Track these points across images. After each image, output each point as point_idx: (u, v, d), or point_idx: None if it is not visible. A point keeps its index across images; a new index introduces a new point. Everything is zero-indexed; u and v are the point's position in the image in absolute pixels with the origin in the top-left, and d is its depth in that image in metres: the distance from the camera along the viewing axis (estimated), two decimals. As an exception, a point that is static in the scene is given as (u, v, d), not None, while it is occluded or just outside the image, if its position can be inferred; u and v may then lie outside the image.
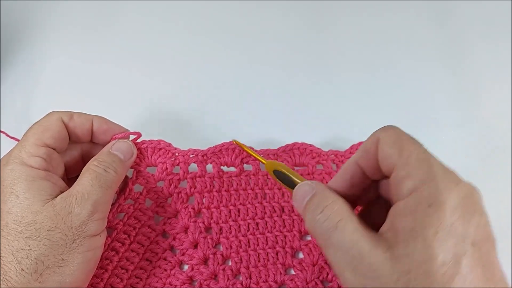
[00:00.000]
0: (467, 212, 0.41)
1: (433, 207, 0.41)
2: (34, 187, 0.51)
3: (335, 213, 0.46)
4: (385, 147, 0.46)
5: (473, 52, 0.90)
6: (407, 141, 0.45)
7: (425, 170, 0.43)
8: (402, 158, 0.44)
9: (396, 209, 0.44)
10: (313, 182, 0.51)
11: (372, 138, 0.48)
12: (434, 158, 0.44)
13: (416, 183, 0.43)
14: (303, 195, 0.50)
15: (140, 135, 0.65)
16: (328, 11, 0.95)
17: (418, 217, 0.41)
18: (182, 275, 0.63)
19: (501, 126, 0.81)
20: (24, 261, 0.47)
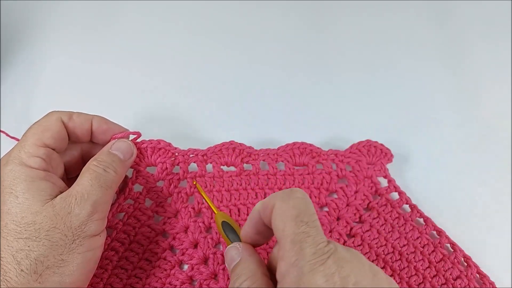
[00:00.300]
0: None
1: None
2: (34, 188, 0.51)
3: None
4: (275, 216, 0.47)
5: (473, 52, 0.90)
6: (292, 219, 0.45)
7: (295, 252, 0.43)
8: (283, 238, 0.45)
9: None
10: (241, 247, 0.53)
11: (271, 200, 0.49)
12: (310, 238, 0.44)
13: (287, 267, 0.44)
14: (230, 260, 0.52)
15: (140, 135, 0.65)
16: (328, 11, 0.96)
17: None
18: (182, 275, 0.63)
19: (501, 126, 0.81)
20: (23, 261, 0.47)
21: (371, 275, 0.44)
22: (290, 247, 0.44)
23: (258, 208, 0.51)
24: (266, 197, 0.51)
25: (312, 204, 0.47)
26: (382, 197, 0.69)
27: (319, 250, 0.43)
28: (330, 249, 0.43)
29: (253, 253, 0.52)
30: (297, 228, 0.44)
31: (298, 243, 0.43)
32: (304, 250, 0.43)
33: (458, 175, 0.76)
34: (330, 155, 0.71)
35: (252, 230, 0.53)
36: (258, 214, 0.51)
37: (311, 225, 0.45)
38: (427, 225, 0.67)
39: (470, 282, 0.63)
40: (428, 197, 0.73)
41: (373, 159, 0.71)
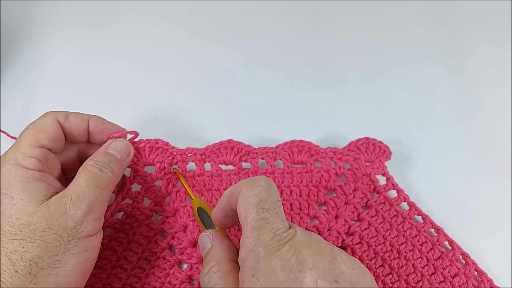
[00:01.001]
0: (291, 272, 0.43)
1: (255, 276, 0.44)
2: (29, 188, 0.51)
3: (214, 278, 0.49)
4: (239, 203, 0.50)
5: (473, 52, 0.90)
6: (253, 206, 0.48)
7: (253, 238, 0.46)
8: (244, 224, 0.48)
9: (239, 277, 0.48)
10: (212, 234, 0.55)
11: (237, 187, 0.51)
12: (269, 224, 0.46)
13: (246, 252, 0.46)
14: (202, 248, 0.56)
15: (137, 135, 0.64)
16: (328, 10, 0.95)
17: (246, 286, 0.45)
18: (181, 274, 0.63)
19: (501, 124, 0.81)
20: (18, 263, 0.47)
21: (330, 258, 0.45)
22: (249, 233, 0.46)
23: (226, 193, 0.54)
24: (234, 185, 0.53)
25: (276, 192, 0.50)
26: (380, 195, 0.69)
27: (277, 235, 0.45)
28: (289, 234, 0.45)
29: (223, 240, 0.55)
30: (257, 215, 0.47)
31: (257, 229, 0.46)
32: (262, 236, 0.45)
33: (458, 173, 0.76)
34: (328, 153, 0.70)
35: (221, 213, 0.56)
36: (226, 199, 0.54)
37: (272, 212, 0.47)
38: (425, 223, 0.67)
39: (468, 280, 0.63)
40: (428, 195, 0.73)
41: (371, 157, 0.71)
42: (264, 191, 0.48)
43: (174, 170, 0.67)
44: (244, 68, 0.87)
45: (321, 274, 0.43)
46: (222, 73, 0.86)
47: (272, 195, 0.49)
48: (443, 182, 0.75)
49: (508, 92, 0.85)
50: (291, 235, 0.45)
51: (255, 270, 0.44)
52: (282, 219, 0.47)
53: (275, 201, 0.48)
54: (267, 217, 0.46)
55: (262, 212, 0.47)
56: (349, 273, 0.45)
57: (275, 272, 0.43)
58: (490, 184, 0.75)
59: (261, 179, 0.50)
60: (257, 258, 0.44)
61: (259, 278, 0.43)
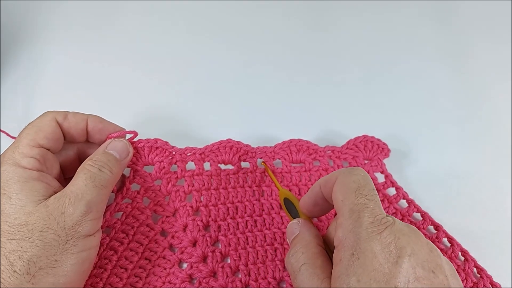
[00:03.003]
0: (391, 256, 0.43)
1: (355, 255, 0.45)
2: (27, 188, 0.51)
3: (301, 258, 0.51)
4: (336, 189, 0.51)
5: (474, 51, 0.90)
6: (352, 191, 0.49)
7: (353, 220, 0.47)
8: (342, 207, 0.49)
9: (333, 257, 0.48)
10: (301, 222, 0.57)
11: (334, 174, 0.52)
12: (368, 209, 0.47)
13: (344, 233, 0.47)
14: (291, 233, 0.57)
15: (137, 134, 0.65)
16: (328, 10, 0.95)
17: (343, 266, 0.45)
18: (182, 273, 0.63)
19: (502, 124, 0.81)
20: (16, 262, 0.47)
21: (427, 249, 0.45)
22: (348, 215, 0.47)
23: (320, 182, 0.55)
24: (329, 174, 0.54)
25: (372, 183, 0.50)
26: (379, 193, 0.69)
27: (376, 220, 0.46)
28: (387, 221, 0.46)
29: (311, 227, 0.56)
30: (356, 199, 0.48)
31: (357, 212, 0.47)
32: (362, 218, 0.46)
33: (458, 171, 0.76)
34: (327, 151, 0.71)
35: (311, 201, 0.57)
36: (319, 187, 0.55)
37: (370, 198, 0.48)
38: (424, 220, 0.67)
39: (468, 276, 0.63)
40: (428, 193, 0.73)
41: (370, 155, 0.71)
42: (362, 179, 0.49)
43: (262, 163, 0.68)
44: (243, 68, 0.87)
45: (419, 263, 0.43)
46: (221, 72, 0.86)
47: (369, 183, 0.49)
48: (443, 179, 0.75)
49: (508, 91, 0.85)
50: (390, 222, 0.46)
51: (354, 250, 0.45)
52: (380, 206, 0.48)
53: (372, 189, 0.49)
54: (365, 202, 0.47)
55: (361, 198, 0.47)
56: (444, 267, 0.45)
57: (375, 254, 0.43)
58: (490, 182, 0.75)
59: (358, 169, 0.51)
60: (357, 239, 0.45)
61: (359, 257, 0.44)
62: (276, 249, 0.65)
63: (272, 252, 0.65)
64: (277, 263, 0.64)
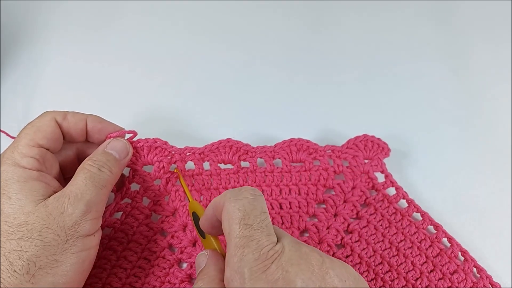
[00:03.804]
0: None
1: None
2: (26, 188, 0.51)
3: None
4: (223, 218, 0.48)
5: (473, 51, 0.90)
6: (236, 222, 0.46)
7: (238, 258, 0.44)
8: (228, 241, 0.46)
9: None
10: (208, 253, 0.53)
11: (222, 198, 0.49)
12: (254, 242, 0.44)
13: (231, 273, 0.44)
14: (198, 266, 0.53)
15: (136, 134, 0.65)
16: (328, 10, 0.95)
17: None
18: (181, 273, 0.63)
19: (501, 124, 0.81)
20: (16, 262, 0.47)
21: (321, 273, 0.43)
22: (234, 252, 0.44)
23: (211, 205, 0.52)
24: (220, 195, 0.51)
25: (262, 203, 0.48)
26: (379, 193, 0.69)
27: (262, 255, 0.43)
28: (275, 252, 0.43)
29: (217, 260, 0.52)
30: (241, 231, 0.45)
31: (241, 248, 0.44)
32: (246, 256, 0.43)
33: (458, 171, 0.76)
34: (327, 151, 0.70)
35: (208, 224, 0.54)
36: (211, 211, 0.52)
37: (256, 227, 0.45)
38: (424, 220, 0.67)
39: (467, 276, 0.63)
40: (428, 192, 0.73)
41: (370, 154, 0.71)
42: (248, 203, 0.46)
43: (175, 170, 0.67)
44: (243, 68, 0.87)
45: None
46: (220, 72, 0.86)
47: (256, 207, 0.46)
48: (443, 179, 0.75)
49: (508, 91, 0.85)
50: (278, 253, 0.43)
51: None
52: (268, 233, 0.45)
53: (259, 214, 0.46)
54: (251, 233, 0.44)
55: (246, 229, 0.45)
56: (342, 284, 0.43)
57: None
58: (490, 181, 0.75)
59: (245, 190, 0.48)
60: (242, 280, 0.43)
61: None
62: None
63: (272, 252, 0.65)
64: (276, 263, 0.64)
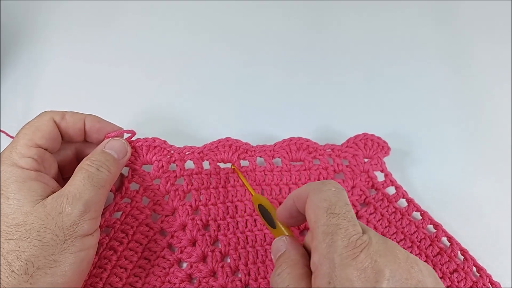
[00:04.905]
0: (368, 282, 0.42)
1: (331, 284, 0.43)
2: (25, 188, 0.51)
3: (287, 278, 0.49)
4: (308, 208, 0.49)
5: (474, 51, 0.90)
6: (323, 211, 0.47)
7: (326, 244, 0.45)
8: (315, 229, 0.47)
9: (312, 282, 0.46)
10: (287, 239, 0.54)
11: (305, 190, 0.51)
12: (342, 230, 0.45)
13: (319, 258, 0.45)
14: (276, 251, 0.54)
15: (134, 134, 0.64)
16: (328, 10, 0.95)
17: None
18: (181, 273, 0.63)
19: (502, 123, 0.81)
20: (14, 262, 0.47)
21: (407, 267, 0.44)
22: (322, 238, 0.45)
23: (292, 196, 0.53)
24: (301, 186, 0.52)
25: (345, 196, 0.49)
26: (379, 192, 0.69)
27: (351, 243, 0.44)
28: (363, 242, 0.44)
29: (298, 246, 0.53)
30: (328, 220, 0.46)
31: (330, 235, 0.45)
32: (335, 242, 0.44)
33: (458, 170, 0.76)
34: (326, 150, 0.70)
35: (286, 214, 0.55)
36: (292, 201, 0.53)
37: (343, 217, 0.46)
38: (424, 219, 0.67)
39: (467, 275, 0.63)
40: (429, 192, 0.73)
41: (370, 153, 0.71)
42: (332, 195, 0.48)
43: (232, 167, 0.68)
44: (243, 67, 0.87)
45: (398, 285, 0.42)
46: (220, 71, 0.86)
47: (341, 199, 0.48)
48: (443, 178, 0.75)
49: (508, 91, 0.85)
50: (366, 243, 0.44)
51: (330, 278, 0.43)
52: (354, 223, 0.46)
53: (344, 205, 0.47)
54: (338, 222, 0.45)
55: (333, 217, 0.46)
56: (425, 283, 0.44)
57: (351, 282, 0.42)
58: (490, 180, 0.75)
59: (329, 183, 0.50)
60: (332, 266, 0.43)
61: (335, 286, 0.42)
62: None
63: (272, 252, 0.65)
64: (276, 263, 0.64)
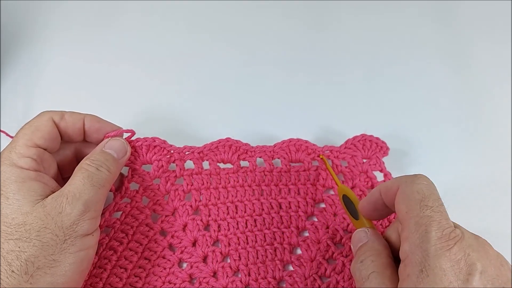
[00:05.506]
0: (461, 274, 0.42)
1: (424, 272, 0.43)
2: (24, 188, 0.51)
3: (371, 266, 0.49)
4: (398, 199, 0.49)
5: (474, 51, 0.90)
6: (416, 202, 0.47)
7: (420, 235, 0.45)
8: (406, 219, 0.47)
9: (399, 270, 0.47)
10: (369, 231, 0.55)
11: (395, 182, 0.51)
12: (435, 222, 0.45)
13: (411, 247, 0.45)
14: (358, 241, 0.55)
15: (134, 133, 0.64)
16: (328, 10, 0.95)
17: (412, 281, 0.44)
18: (182, 273, 0.63)
19: (502, 124, 0.81)
20: (14, 262, 0.47)
21: (498, 264, 0.44)
22: (415, 229, 0.45)
23: (380, 188, 0.54)
24: (389, 180, 0.54)
25: (437, 191, 0.49)
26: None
27: (445, 235, 0.44)
28: (456, 235, 0.44)
29: (380, 237, 0.54)
30: (421, 211, 0.46)
31: (423, 225, 0.45)
32: (429, 233, 0.44)
33: (458, 171, 0.76)
34: (325, 151, 0.70)
35: (371, 206, 0.56)
36: (379, 193, 0.54)
37: (436, 210, 0.46)
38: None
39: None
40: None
41: (368, 153, 0.70)
42: (426, 188, 0.48)
43: (320, 156, 0.68)
44: (243, 67, 0.87)
45: (490, 280, 0.43)
46: (220, 71, 0.86)
47: (434, 193, 0.48)
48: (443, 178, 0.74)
49: (508, 91, 0.84)
50: (459, 236, 0.44)
51: (423, 266, 0.43)
52: (447, 218, 0.46)
53: (437, 199, 0.47)
54: (431, 214, 0.45)
55: (427, 209, 0.46)
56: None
57: (445, 272, 0.42)
58: (490, 180, 0.75)
59: (421, 177, 0.50)
60: (425, 255, 0.43)
61: (428, 274, 0.43)
62: (276, 249, 0.65)
63: (272, 252, 0.65)
64: (277, 263, 0.64)
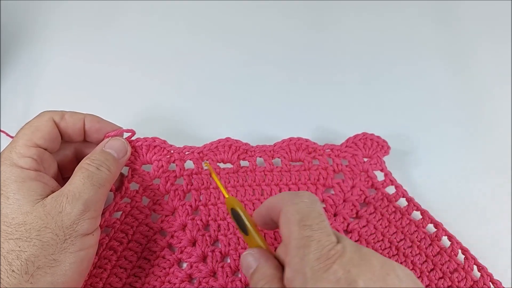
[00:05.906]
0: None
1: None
2: (25, 188, 0.51)
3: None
4: (281, 222, 0.48)
5: (474, 52, 0.90)
6: (295, 224, 0.46)
7: (299, 258, 0.44)
8: (288, 244, 0.46)
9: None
10: (256, 253, 0.52)
11: (279, 202, 0.50)
12: (315, 242, 0.44)
13: (293, 273, 0.44)
14: (247, 267, 0.52)
15: (134, 133, 0.64)
16: (328, 10, 0.95)
17: None
18: (181, 273, 0.63)
19: (502, 124, 0.81)
20: (14, 262, 0.47)
21: (382, 274, 0.43)
22: (295, 253, 0.44)
23: (266, 205, 0.53)
24: (275, 196, 0.52)
25: (319, 207, 0.48)
26: (378, 192, 0.69)
27: (323, 255, 0.43)
28: (336, 252, 0.43)
29: (269, 258, 0.51)
30: (300, 232, 0.45)
31: (302, 248, 0.44)
32: (307, 255, 0.43)
33: (458, 170, 0.76)
34: (326, 150, 0.70)
35: (261, 221, 0.55)
36: (266, 211, 0.53)
37: (315, 227, 0.45)
38: (424, 218, 0.67)
39: (468, 275, 0.63)
40: (429, 191, 0.73)
41: (369, 152, 0.70)
42: (305, 206, 0.47)
43: (205, 164, 0.66)
44: (243, 67, 0.87)
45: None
46: (220, 71, 0.86)
47: (314, 210, 0.47)
48: (443, 178, 0.75)
49: (508, 91, 0.84)
50: (339, 253, 0.43)
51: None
52: (328, 233, 0.45)
53: (317, 216, 0.46)
54: (310, 234, 0.44)
55: (306, 229, 0.45)
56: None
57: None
58: (491, 180, 0.75)
59: (302, 194, 0.49)
60: (304, 280, 0.42)
61: None
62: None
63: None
64: (277, 263, 0.64)
